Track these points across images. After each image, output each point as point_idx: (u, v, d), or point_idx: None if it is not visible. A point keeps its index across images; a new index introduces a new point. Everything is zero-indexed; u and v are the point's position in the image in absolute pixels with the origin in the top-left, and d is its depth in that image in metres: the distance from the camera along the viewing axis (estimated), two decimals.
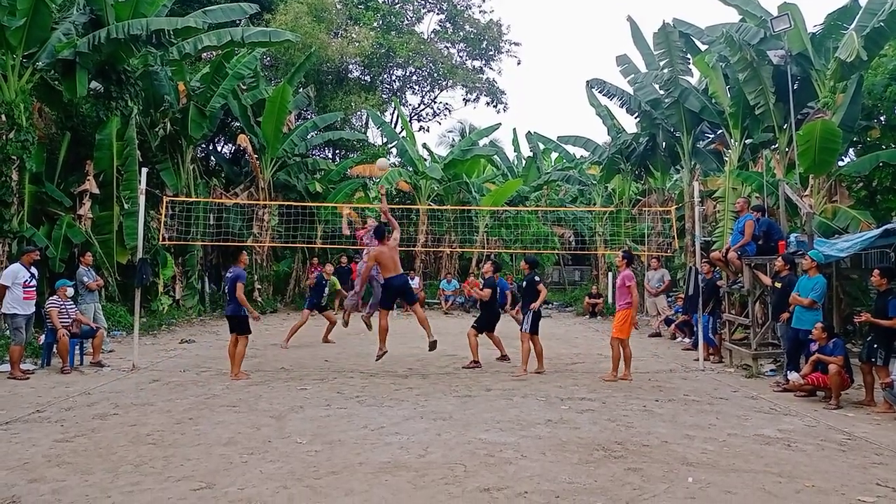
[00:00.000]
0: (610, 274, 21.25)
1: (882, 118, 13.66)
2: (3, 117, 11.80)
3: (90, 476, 5.08)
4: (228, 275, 9.53)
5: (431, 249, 22.28)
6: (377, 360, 9.55)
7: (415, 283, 20.72)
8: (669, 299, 14.99)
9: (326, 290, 13.09)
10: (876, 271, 8.07)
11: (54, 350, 9.81)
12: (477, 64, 32.06)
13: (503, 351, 10.84)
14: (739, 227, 10.50)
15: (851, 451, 5.91)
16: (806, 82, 13.41)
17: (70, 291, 10.10)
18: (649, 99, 17.25)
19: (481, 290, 10.49)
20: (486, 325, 10.55)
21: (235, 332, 9.28)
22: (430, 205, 21.94)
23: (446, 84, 31.56)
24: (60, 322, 9.60)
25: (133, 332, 10.44)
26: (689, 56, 16.12)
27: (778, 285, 9.34)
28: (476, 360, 10.37)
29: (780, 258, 9.54)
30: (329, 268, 13.56)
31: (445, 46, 31.15)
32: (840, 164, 13.21)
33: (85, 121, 14.58)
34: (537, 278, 9.94)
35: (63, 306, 9.84)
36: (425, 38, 30.38)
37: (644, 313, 17.43)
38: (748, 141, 15.03)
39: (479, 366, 10.32)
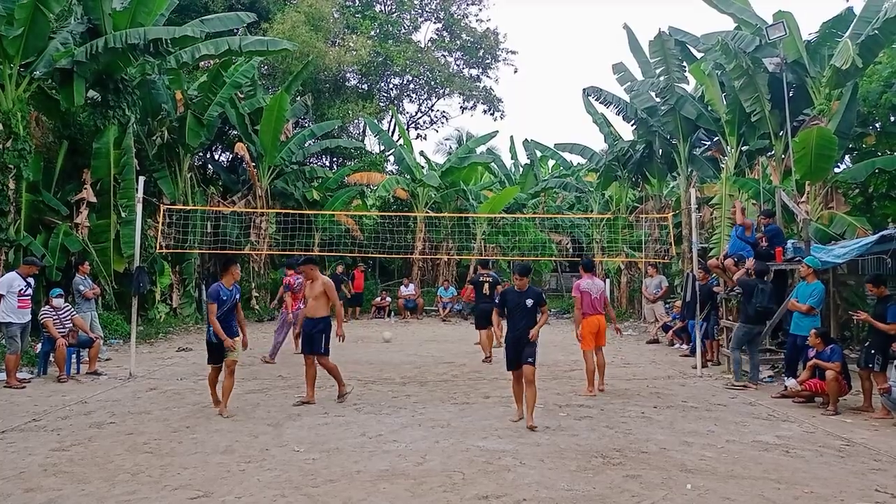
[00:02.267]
0: (607, 281, 21.27)
1: (877, 125, 13.74)
2: (1, 126, 11.81)
3: (87, 485, 5.06)
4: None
5: (429, 257, 22.29)
6: (295, 404, 7.98)
7: (411, 289, 20.73)
8: (667, 306, 15.00)
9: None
10: (869, 284, 8.20)
11: (51, 359, 9.78)
12: (474, 72, 32.18)
13: (487, 352, 11.46)
14: (739, 233, 10.55)
15: (850, 458, 5.91)
16: (801, 90, 13.48)
17: (58, 302, 9.90)
18: (646, 106, 17.31)
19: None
20: (481, 321, 11.50)
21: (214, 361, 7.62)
22: (427, 212, 21.95)
23: (443, 92, 31.65)
24: (58, 331, 9.58)
25: (130, 341, 10.42)
26: (685, 64, 16.20)
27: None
28: (487, 354, 11.30)
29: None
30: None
31: (442, 55, 31.24)
32: (836, 170, 13.25)
33: (82, 129, 14.61)
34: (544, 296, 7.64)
35: (57, 315, 9.81)
36: (422, 46, 30.47)
37: (642, 320, 17.45)
38: (744, 148, 15.08)
39: (490, 359, 11.15)
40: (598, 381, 8.88)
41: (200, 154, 21.75)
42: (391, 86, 31.51)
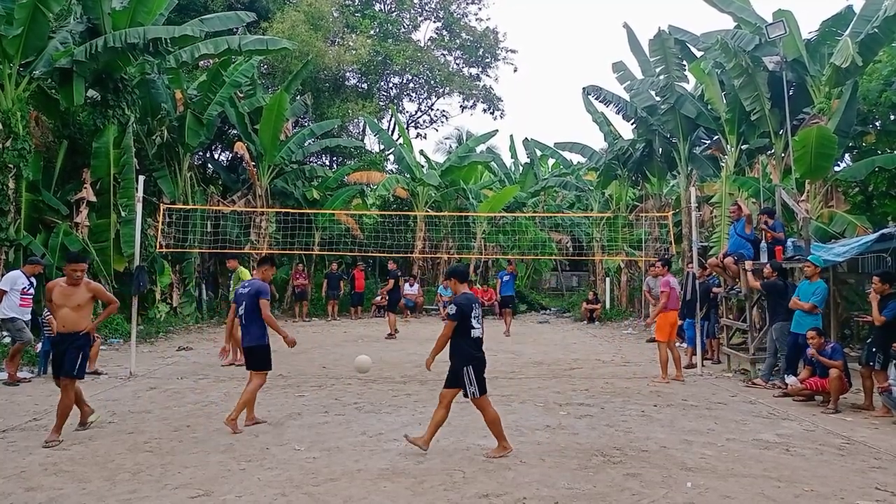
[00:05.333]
0: (608, 279, 21.27)
1: (877, 123, 13.73)
2: (1, 126, 11.81)
3: (87, 484, 5.05)
4: (244, 290, 6.91)
5: (429, 255, 22.30)
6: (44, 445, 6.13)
7: (413, 289, 20.71)
8: None
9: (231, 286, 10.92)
10: (876, 278, 8.00)
11: (51, 358, 9.77)
12: (473, 71, 32.15)
13: (392, 329, 14.76)
14: (739, 230, 10.55)
15: (850, 456, 5.91)
16: (801, 88, 13.47)
17: None
18: (645, 105, 17.30)
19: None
20: (392, 305, 15.53)
21: (254, 367, 6.91)
22: (427, 211, 21.96)
23: (443, 91, 31.63)
24: None
25: (130, 340, 10.42)
26: (684, 63, 16.19)
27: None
28: (392, 331, 14.73)
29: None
30: (234, 263, 11.61)
31: (442, 54, 31.23)
32: (836, 169, 13.26)
33: (82, 129, 14.61)
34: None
35: None
36: (422, 45, 30.47)
37: (642, 318, 17.46)
38: (744, 146, 15.08)
39: (394, 337, 14.54)
40: (675, 373, 9.47)
41: (200, 153, 21.77)
42: (391, 85, 31.51)
